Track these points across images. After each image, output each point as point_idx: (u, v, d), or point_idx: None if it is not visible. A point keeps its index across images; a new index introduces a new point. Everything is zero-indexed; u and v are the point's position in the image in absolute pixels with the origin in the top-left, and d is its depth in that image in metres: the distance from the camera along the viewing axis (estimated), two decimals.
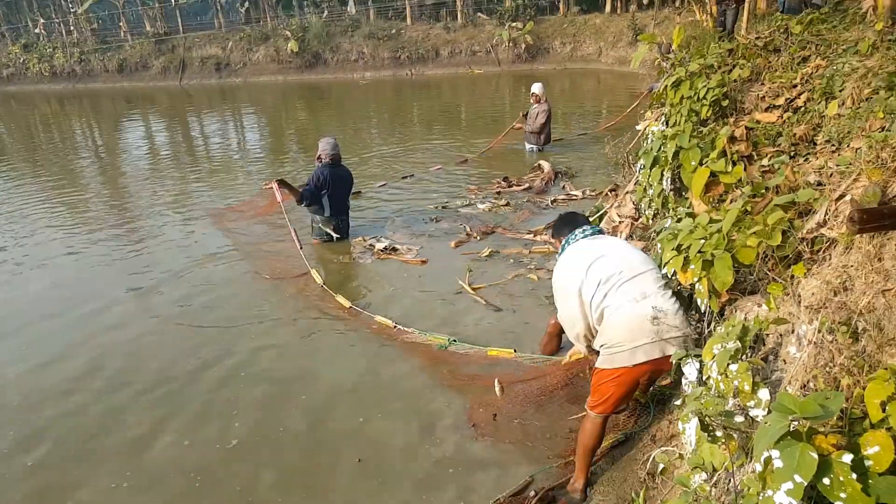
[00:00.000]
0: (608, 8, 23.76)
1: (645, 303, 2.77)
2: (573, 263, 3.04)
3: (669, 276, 2.95)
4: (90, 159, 13.01)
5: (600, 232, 3.27)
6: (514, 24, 23.37)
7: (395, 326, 4.73)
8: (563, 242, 3.24)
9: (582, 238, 3.16)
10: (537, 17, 24.37)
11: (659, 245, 3.27)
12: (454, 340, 4.41)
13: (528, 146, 10.06)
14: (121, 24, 30.28)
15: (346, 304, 5.18)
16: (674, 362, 2.58)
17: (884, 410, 1.57)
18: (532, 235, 6.45)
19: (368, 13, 27.60)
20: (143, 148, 14.07)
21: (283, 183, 6.32)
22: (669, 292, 2.85)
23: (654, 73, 9.46)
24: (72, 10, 30.34)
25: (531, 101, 9.90)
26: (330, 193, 6.42)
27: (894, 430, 1.54)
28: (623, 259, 2.94)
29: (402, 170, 9.66)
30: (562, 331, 3.99)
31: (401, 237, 6.75)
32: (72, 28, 30.10)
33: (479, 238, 6.53)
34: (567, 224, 3.33)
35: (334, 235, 6.59)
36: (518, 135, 10.33)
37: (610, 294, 2.83)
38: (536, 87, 9.80)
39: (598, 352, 2.97)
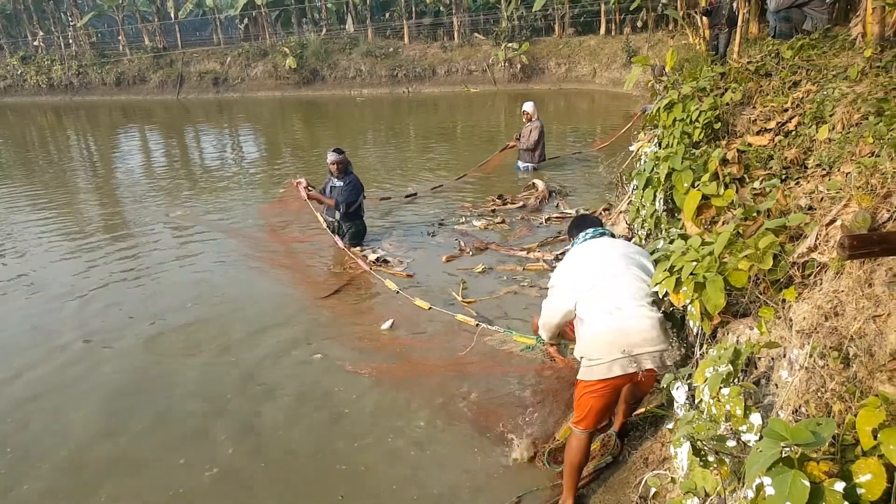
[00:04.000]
0: (603, 30, 24.06)
1: (618, 316, 2.76)
2: (567, 266, 3.15)
3: (658, 293, 2.92)
4: (85, 170, 12.98)
5: (604, 234, 3.30)
6: (510, 44, 23.63)
7: (476, 324, 4.66)
8: (572, 244, 3.35)
9: (583, 241, 3.25)
10: (533, 37, 24.66)
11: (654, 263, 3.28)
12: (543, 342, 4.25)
13: (521, 164, 10.07)
14: (120, 37, 30.38)
15: (426, 306, 5.19)
16: (663, 385, 2.57)
17: (875, 438, 1.57)
18: (526, 253, 6.46)
19: (367, 32, 27.85)
20: (138, 160, 14.09)
21: (311, 196, 6.84)
22: (647, 304, 2.81)
23: (648, 95, 9.56)
24: (71, 24, 30.45)
25: (523, 119, 9.98)
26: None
27: (886, 457, 1.53)
28: (608, 266, 2.97)
29: (399, 184, 9.73)
30: None
31: (395, 250, 6.83)
32: (70, 41, 30.19)
33: (472, 254, 6.54)
34: (577, 226, 3.44)
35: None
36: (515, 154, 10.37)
37: (589, 304, 2.87)
38: (528, 106, 9.91)
39: (556, 344, 3.31)
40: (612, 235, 3.36)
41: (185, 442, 3.79)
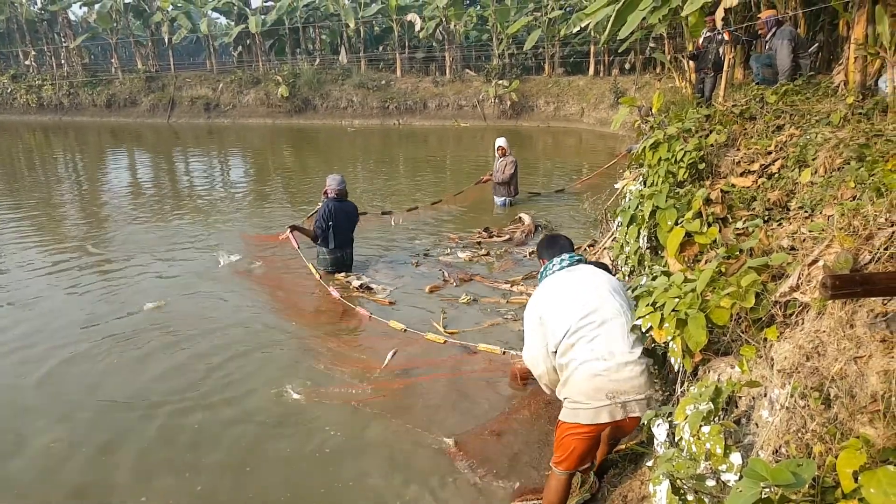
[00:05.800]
0: (591, 71, 24.59)
1: (611, 362, 2.68)
2: (544, 302, 2.93)
3: (641, 329, 2.85)
4: (70, 187, 12.87)
5: (581, 260, 3.11)
6: (500, 81, 24.06)
7: (503, 352, 4.58)
8: (542, 270, 3.15)
9: (559, 269, 3.05)
10: (523, 76, 25.14)
11: (635, 301, 3.26)
12: None
13: (499, 200, 10.10)
14: (112, 59, 30.51)
15: (441, 340, 4.98)
16: (644, 422, 2.53)
17: (856, 481, 1.54)
18: (510, 286, 6.44)
19: (360, 63, 28.24)
20: (125, 182, 14.00)
21: (295, 227, 6.71)
22: (638, 349, 2.75)
23: (634, 135, 9.72)
24: (64, 45, 30.55)
25: (497, 154, 10.06)
26: (335, 226, 6.64)
27: (867, 501, 1.50)
28: (594, 305, 2.81)
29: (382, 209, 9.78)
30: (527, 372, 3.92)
31: (380, 278, 6.81)
32: (63, 61, 30.27)
33: (456, 285, 6.51)
34: (548, 247, 3.22)
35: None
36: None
37: (577, 346, 2.74)
38: (501, 141, 10.05)
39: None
40: (586, 261, 3.17)
41: (153, 475, 3.63)
